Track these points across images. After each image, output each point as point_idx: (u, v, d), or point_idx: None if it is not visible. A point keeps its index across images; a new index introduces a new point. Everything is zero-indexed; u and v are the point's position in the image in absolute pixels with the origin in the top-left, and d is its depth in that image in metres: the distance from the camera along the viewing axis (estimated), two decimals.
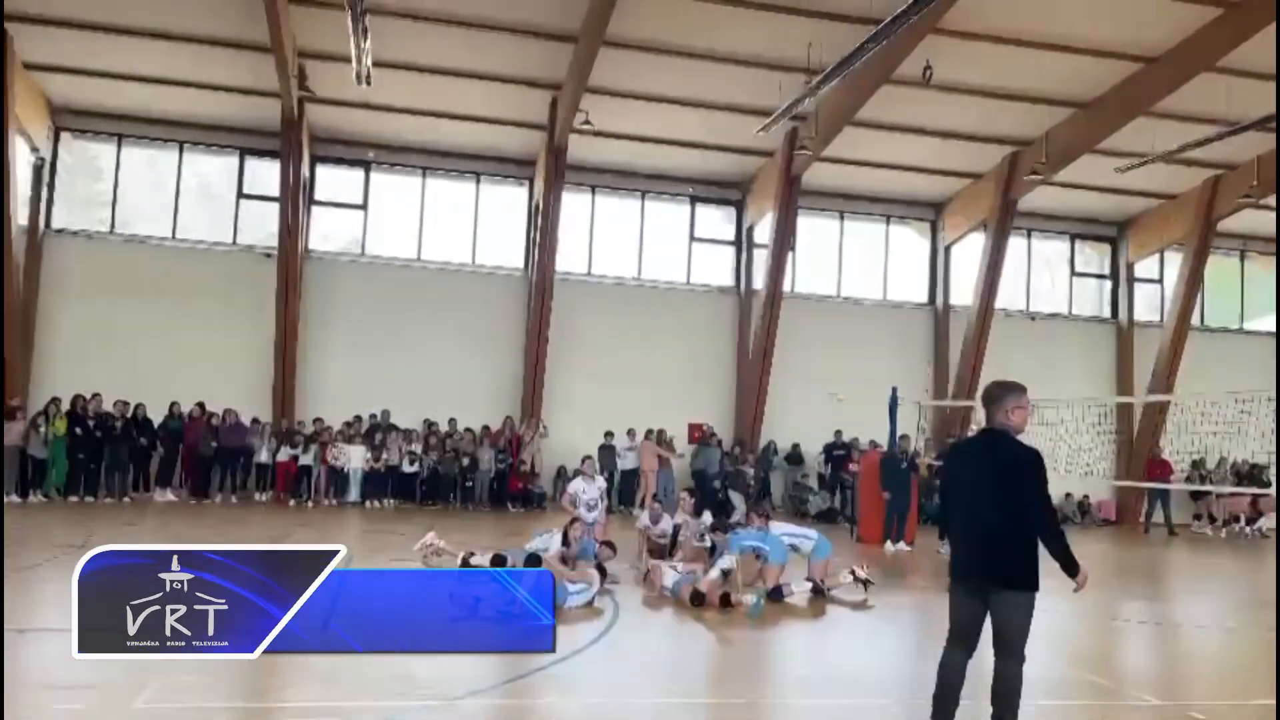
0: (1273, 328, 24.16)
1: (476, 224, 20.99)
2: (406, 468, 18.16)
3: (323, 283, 19.59)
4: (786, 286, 20.79)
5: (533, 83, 17.90)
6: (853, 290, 22.37)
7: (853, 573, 9.90)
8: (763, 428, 20.53)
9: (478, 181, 21.02)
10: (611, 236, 21.44)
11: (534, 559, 9.15)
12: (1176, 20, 15.31)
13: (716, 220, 22.12)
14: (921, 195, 22.12)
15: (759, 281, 21.01)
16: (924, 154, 19.93)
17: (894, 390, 16.54)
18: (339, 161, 20.37)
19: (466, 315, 20.08)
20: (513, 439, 18.95)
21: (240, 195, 19.86)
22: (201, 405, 17.46)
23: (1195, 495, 20.87)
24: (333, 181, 20.40)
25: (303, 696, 5.67)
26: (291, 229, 18.59)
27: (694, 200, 21.79)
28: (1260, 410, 14.78)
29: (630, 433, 19.07)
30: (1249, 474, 20.05)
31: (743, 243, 21.89)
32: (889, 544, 14.84)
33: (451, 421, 19.00)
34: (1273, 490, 18.91)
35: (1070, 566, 4.85)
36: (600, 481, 12.71)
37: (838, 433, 20.16)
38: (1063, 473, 16.03)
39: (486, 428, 19.31)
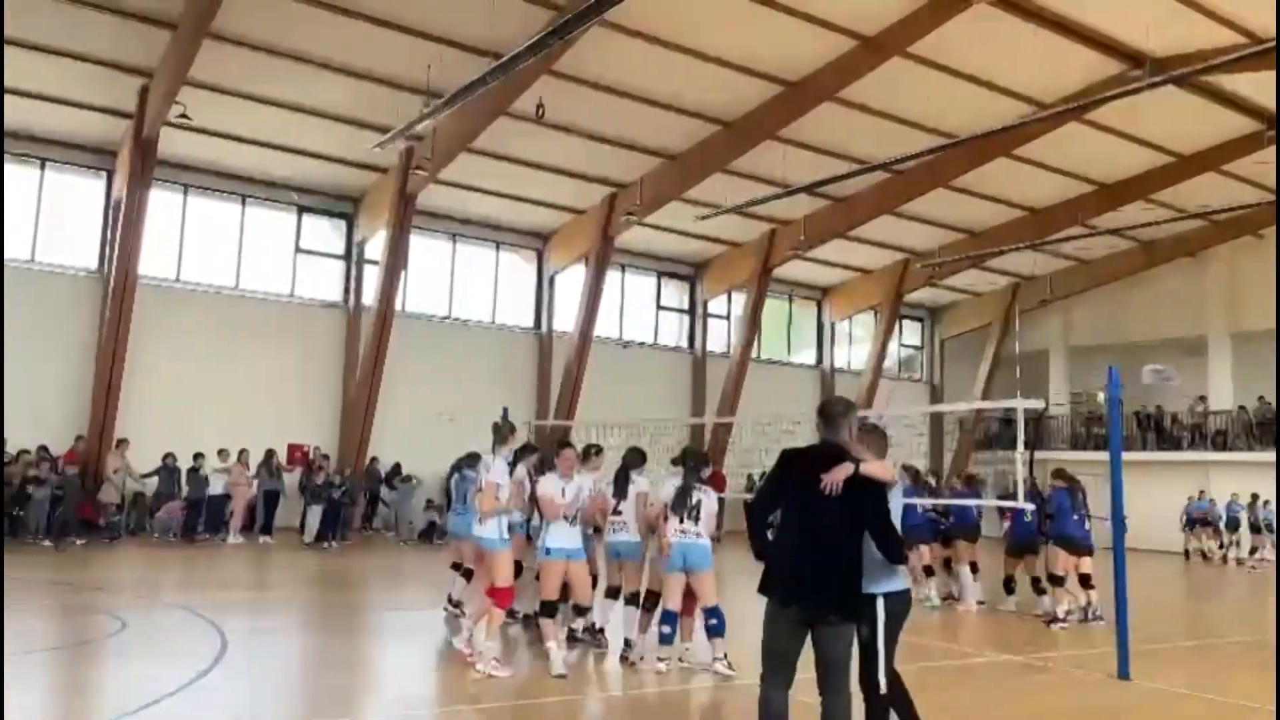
0: (812, 361, 28.64)
1: (39, 216, 18.43)
2: None
3: None
4: (398, 305, 20.68)
5: (121, 66, 16.18)
6: (463, 312, 22.81)
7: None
8: (369, 449, 20.14)
9: (43, 168, 18.48)
10: (207, 242, 19.88)
11: None
12: (749, 91, 17.68)
13: (325, 232, 21.43)
14: (531, 225, 23.20)
15: (369, 298, 20.69)
16: (534, 186, 20.96)
17: (505, 410, 17.13)
18: None
19: (26, 319, 17.44)
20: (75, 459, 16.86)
21: None
22: None
23: None
24: None
25: None
26: None
27: (301, 210, 20.93)
28: (806, 430, 17.43)
29: (222, 453, 17.64)
30: None
31: (353, 257, 21.42)
32: None
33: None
34: None
35: None
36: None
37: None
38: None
39: (44, 448, 16.94)
